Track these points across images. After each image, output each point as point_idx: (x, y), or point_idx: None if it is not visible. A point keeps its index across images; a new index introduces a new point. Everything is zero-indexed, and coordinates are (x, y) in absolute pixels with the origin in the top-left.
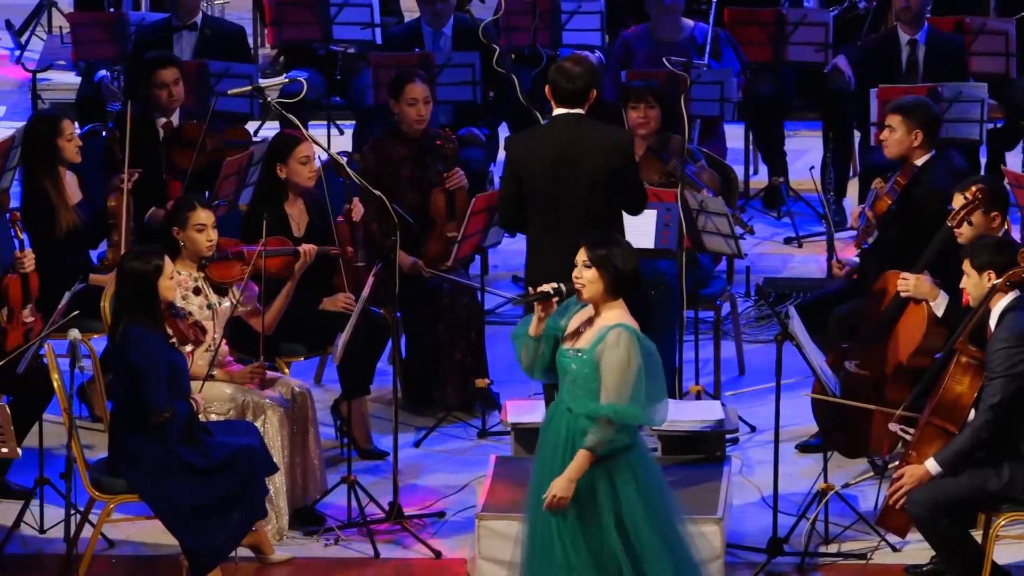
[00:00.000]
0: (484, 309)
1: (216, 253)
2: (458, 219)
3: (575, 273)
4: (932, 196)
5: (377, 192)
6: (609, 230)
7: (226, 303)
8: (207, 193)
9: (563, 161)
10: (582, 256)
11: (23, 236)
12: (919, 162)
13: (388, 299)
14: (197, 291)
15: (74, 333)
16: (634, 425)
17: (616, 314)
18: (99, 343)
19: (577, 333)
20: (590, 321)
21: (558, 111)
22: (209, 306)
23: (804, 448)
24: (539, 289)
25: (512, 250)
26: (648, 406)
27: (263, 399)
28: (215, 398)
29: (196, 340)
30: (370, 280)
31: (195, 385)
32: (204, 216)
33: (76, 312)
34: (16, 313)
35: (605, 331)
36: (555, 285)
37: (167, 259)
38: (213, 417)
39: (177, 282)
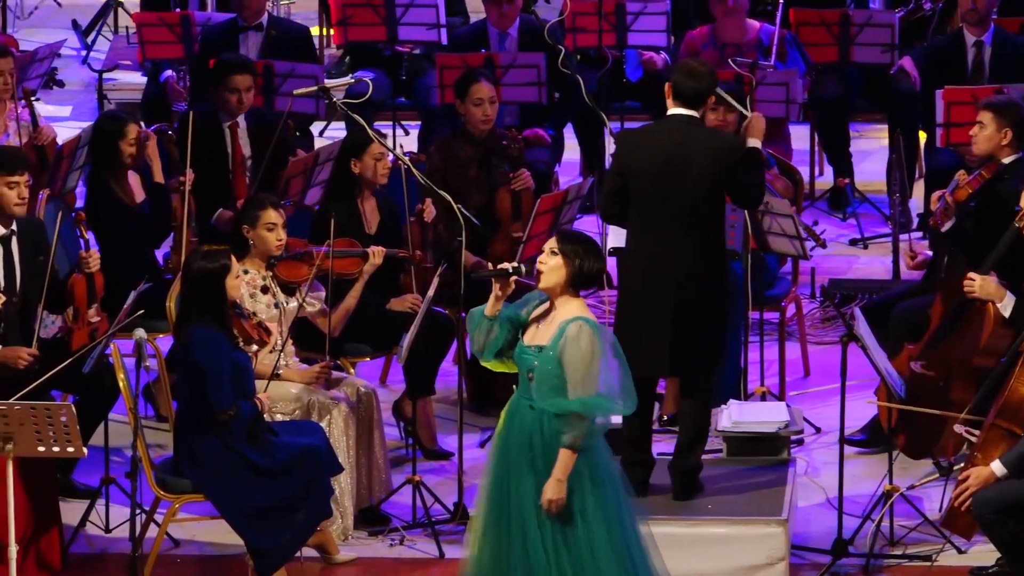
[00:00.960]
0: None
1: (285, 253)
2: (524, 220)
3: (540, 258)
4: (1015, 195)
5: (443, 193)
6: (710, 235)
7: (293, 303)
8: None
9: (671, 162)
10: (551, 244)
11: (88, 236)
12: (1006, 160)
13: (453, 299)
14: (265, 290)
15: (140, 333)
16: (606, 415)
17: (574, 308)
18: (164, 343)
19: (535, 327)
20: (547, 315)
21: (673, 111)
22: (276, 305)
23: (849, 442)
24: (498, 267)
25: None
26: (615, 395)
27: (329, 399)
28: (280, 398)
29: (260, 340)
30: (435, 280)
31: (260, 385)
32: (274, 215)
33: (141, 311)
34: (82, 313)
35: (565, 325)
36: (515, 264)
37: (233, 258)
38: (278, 417)
39: (245, 280)
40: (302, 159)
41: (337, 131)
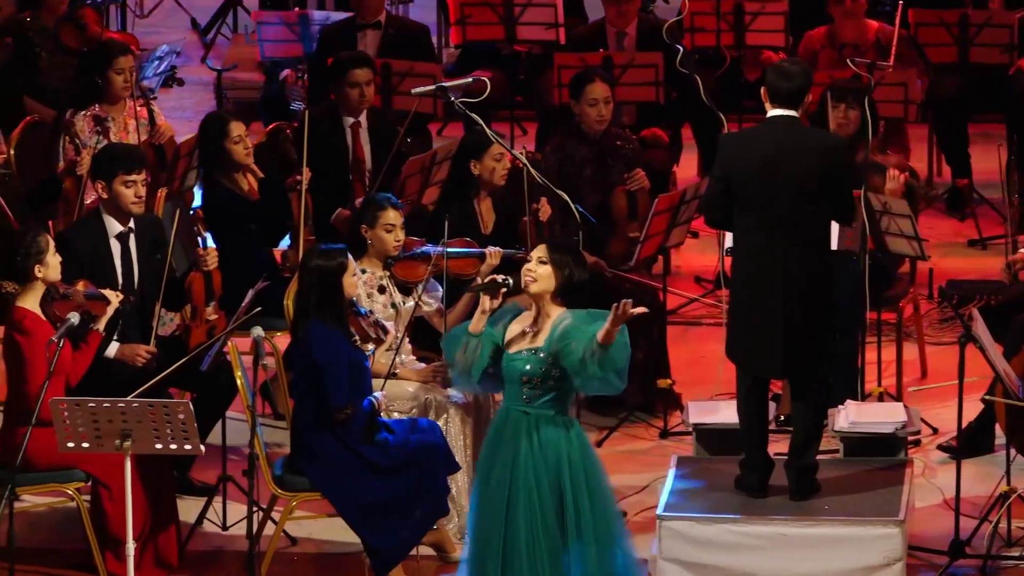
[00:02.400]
0: (666, 309)
1: (402, 252)
2: (640, 220)
3: (528, 267)
4: None
5: (561, 192)
6: (815, 235)
7: (410, 302)
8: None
9: (775, 162)
10: (540, 253)
11: (206, 234)
12: None
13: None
14: (382, 289)
15: (257, 331)
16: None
17: (559, 314)
18: (282, 341)
19: (523, 335)
20: (535, 322)
21: (773, 112)
22: (393, 305)
23: (944, 449)
24: (488, 279)
25: (694, 251)
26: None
27: (446, 398)
28: (398, 396)
29: (377, 339)
30: None
31: (377, 383)
32: (393, 216)
33: (259, 309)
34: (199, 311)
35: (557, 322)
36: (503, 276)
37: (350, 256)
38: (395, 415)
39: (362, 280)
40: (419, 158)
41: (455, 131)
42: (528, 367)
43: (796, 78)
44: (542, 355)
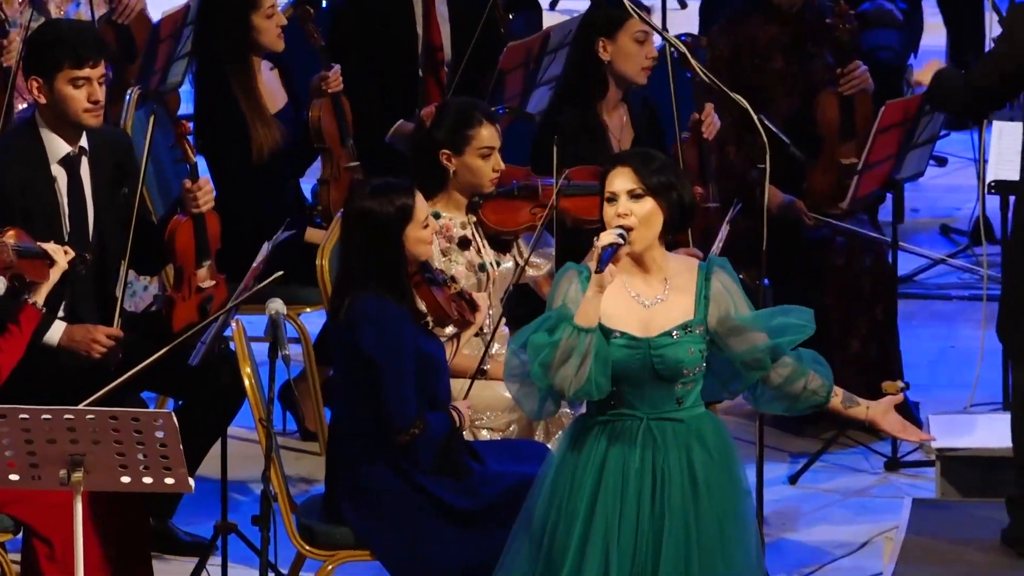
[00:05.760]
0: (898, 275)
1: (496, 188)
2: (858, 138)
3: (619, 209)
4: None
5: (737, 97)
6: None
7: (508, 263)
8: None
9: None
10: (625, 183)
11: (197, 159)
12: None
13: (751, 259)
14: (465, 243)
15: (276, 305)
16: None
17: (683, 260)
18: (314, 320)
19: (642, 313)
20: (647, 282)
21: None
22: (482, 267)
23: None
24: (605, 240)
25: (941, 184)
26: None
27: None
28: (489, 406)
29: (461, 320)
30: (723, 229)
31: (458, 386)
32: (489, 135)
33: (280, 274)
34: (187, 274)
35: (703, 276)
36: (620, 230)
37: (419, 197)
38: (485, 435)
39: (435, 229)
40: (523, 44)
41: (578, 2)
42: (690, 353)
43: None
44: (700, 330)
